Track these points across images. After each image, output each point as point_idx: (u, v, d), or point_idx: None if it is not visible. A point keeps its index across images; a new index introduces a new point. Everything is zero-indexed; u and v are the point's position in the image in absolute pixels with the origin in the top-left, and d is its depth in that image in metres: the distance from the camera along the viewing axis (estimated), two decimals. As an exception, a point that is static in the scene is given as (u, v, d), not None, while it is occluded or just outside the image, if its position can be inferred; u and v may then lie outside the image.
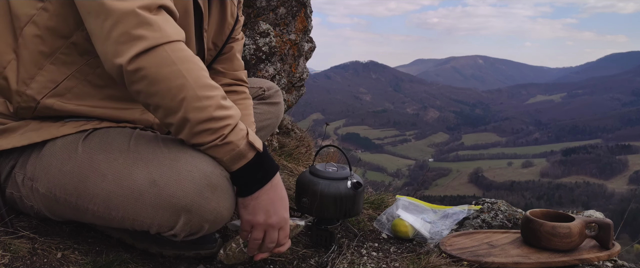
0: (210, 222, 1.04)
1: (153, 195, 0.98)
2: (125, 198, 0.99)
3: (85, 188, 1.01)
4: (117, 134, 1.08)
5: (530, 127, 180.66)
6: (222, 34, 1.34)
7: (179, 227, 1.02)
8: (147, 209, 0.99)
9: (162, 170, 0.99)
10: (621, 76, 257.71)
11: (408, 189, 4.44)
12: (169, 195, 0.98)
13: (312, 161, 1.76)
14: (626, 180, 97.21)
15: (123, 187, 0.99)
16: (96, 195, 1.01)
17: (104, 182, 1.00)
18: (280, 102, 1.71)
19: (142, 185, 0.99)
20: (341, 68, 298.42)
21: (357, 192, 1.37)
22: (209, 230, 1.07)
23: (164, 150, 1.02)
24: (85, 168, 1.02)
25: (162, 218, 1.00)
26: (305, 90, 2.84)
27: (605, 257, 1.36)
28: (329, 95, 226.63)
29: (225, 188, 1.03)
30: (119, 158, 1.02)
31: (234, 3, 1.37)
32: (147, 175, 0.99)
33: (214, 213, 1.02)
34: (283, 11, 2.51)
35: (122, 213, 1.01)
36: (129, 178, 0.99)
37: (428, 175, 63.44)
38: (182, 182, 0.98)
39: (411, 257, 1.38)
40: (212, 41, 1.33)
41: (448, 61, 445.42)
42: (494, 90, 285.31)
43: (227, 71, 1.42)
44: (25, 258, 1.06)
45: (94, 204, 1.02)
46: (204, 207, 1.00)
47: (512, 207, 1.80)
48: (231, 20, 1.36)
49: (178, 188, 0.98)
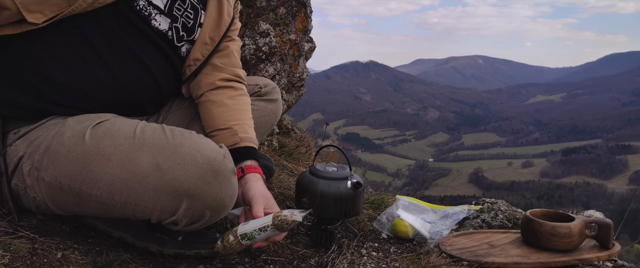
0: (212, 208, 1.05)
1: (156, 178, 1.00)
2: (129, 182, 1.01)
3: (90, 173, 1.03)
4: (123, 123, 1.10)
5: (530, 127, 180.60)
6: (219, 30, 1.38)
7: (181, 212, 1.03)
8: (149, 193, 1.01)
9: (166, 154, 1.01)
10: (621, 76, 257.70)
11: (408, 189, 4.44)
12: (172, 178, 0.99)
13: (312, 161, 1.76)
14: (626, 180, 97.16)
15: (127, 171, 1.01)
16: (100, 180, 1.02)
17: (109, 166, 1.02)
18: (277, 99, 1.71)
19: (146, 168, 1.00)
20: (341, 68, 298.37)
21: (357, 192, 1.37)
22: (210, 219, 1.08)
23: (169, 136, 1.04)
24: (91, 154, 1.03)
25: (164, 202, 1.01)
26: (305, 90, 2.84)
27: (605, 257, 1.36)
28: (329, 95, 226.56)
29: (228, 175, 1.05)
30: (125, 144, 1.03)
31: (230, 4, 1.42)
32: (151, 159, 1.00)
33: (216, 199, 1.03)
34: (283, 11, 2.51)
35: (125, 198, 1.02)
36: (133, 162, 1.01)
37: (428, 175, 63.46)
38: (185, 165, 1.00)
39: (411, 257, 1.38)
40: (209, 36, 1.36)
41: (448, 61, 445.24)
42: (494, 90, 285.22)
43: (225, 66, 1.44)
44: (25, 258, 1.06)
45: (98, 189, 1.03)
46: (206, 192, 1.01)
47: (512, 207, 1.80)
48: (227, 18, 1.39)
49: (181, 172, 0.99)
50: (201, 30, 1.34)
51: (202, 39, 1.34)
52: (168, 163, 1.00)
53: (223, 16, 1.37)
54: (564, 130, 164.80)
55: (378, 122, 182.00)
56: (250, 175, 1.30)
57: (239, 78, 1.48)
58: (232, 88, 1.45)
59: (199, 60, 1.37)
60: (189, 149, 1.01)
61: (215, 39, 1.38)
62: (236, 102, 1.42)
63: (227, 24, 1.40)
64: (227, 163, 1.05)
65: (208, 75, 1.41)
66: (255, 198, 1.21)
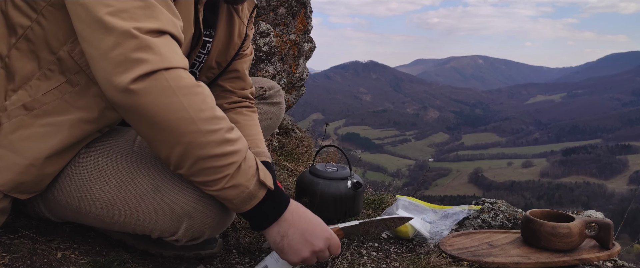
0: (212, 227, 1.03)
1: (156, 200, 0.98)
2: (127, 202, 0.99)
3: (88, 192, 1.01)
4: (120, 136, 1.07)
5: (530, 127, 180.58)
6: (227, 54, 1.32)
7: (181, 232, 1.01)
8: (149, 214, 0.99)
9: (165, 175, 0.99)
10: (621, 76, 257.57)
11: (408, 189, 4.44)
12: (171, 200, 0.98)
13: (312, 161, 1.76)
14: (626, 180, 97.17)
15: (126, 191, 0.99)
16: (98, 199, 1.01)
17: (107, 185, 1.00)
18: (281, 102, 1.71)
19: (145, 190, 0.98)
20: (341, 68, 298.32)
21: (357, 192, 1.37)
22: (210, 235, 1.07)
23: None
24: (88, 172, 1.01)
25: (164, 223, 1.00)
26: (305, 90, 2.84)
27: (605, 257, 1.36)
28: (329, 95, 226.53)
29: None
30: (123, 162, 1.01)
31: (244, 22, 1.34)
32: (150, 180, 0.98)
33: (216, 219, 1.02)
34: (283, 11, 2.51)
35: (124, 218, 1.01)
36: (132, 183, 0.99)
37: (428, 175, 63.41)
38: (184, 187, 0.98)
39: (411, 257, 1.38)
40: (215, 60, 1.31)
41: (448, 61, 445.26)
42: (494, 90, 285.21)
43: (234, 89, 1.40)
44: (25, 258, 1.06)
45: (96, 208, 1.02)
46: (207, 213, 1.00)
47: (512, 207, 1.79)
48: (237, 41, 1.32)
49: (181, 194, 0.98)
50: (208, 57, 1.28)
51: (207, 64, 1.29)
52: (167, 185, 0.98)
53: (233, 39, 1.31)
54: (564, 130, 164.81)
55: (378, 122, 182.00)
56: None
57: (247, 100, 1.44)
58: (240, 108, 1.41)
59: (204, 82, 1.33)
60: None
61: (222, 63, 1.32)
62: (245, 118, 1.39)
63: (237, 47, 1.33)
64: None
65: (217, 97, 1.36)
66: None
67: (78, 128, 1.00)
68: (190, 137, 0.86)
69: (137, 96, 0.83)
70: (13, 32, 0.99)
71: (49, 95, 0.98)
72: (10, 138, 0.96)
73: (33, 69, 0.98)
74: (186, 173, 0.92)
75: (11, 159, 0.96)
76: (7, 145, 0.96)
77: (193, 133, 0.86)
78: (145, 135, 0.90)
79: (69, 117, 0.99)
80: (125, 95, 0.83)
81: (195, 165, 0.89)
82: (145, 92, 0.83)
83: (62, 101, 0.98)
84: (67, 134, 0.99)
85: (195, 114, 0.86)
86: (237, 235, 1.48)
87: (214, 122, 0.89)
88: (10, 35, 0.99)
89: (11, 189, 0.98)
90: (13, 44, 0.99)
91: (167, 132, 0.86)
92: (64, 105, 0.98)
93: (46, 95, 0.98)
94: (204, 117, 0.87)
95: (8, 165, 0.96)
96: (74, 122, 0.99)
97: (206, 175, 0.91)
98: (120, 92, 0.83)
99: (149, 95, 0.83)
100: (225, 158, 0.90)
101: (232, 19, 1.30)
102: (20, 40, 0.98)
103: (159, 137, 0.88)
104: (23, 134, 0.97)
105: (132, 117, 0.87)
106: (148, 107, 0.84)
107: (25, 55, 0.98)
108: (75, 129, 0.99)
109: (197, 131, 0.86)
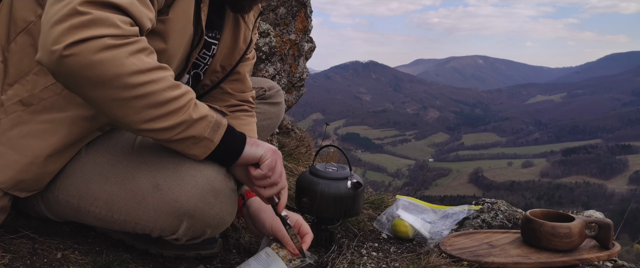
0: (213, 227, 1.04)
1: (156, 199, 0.98)
2: (128, 201, 0.99)
3: (88, 190, 1.01)
4: (121, 135, 1.07)
5: (530, 127, 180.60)
6: (232, 59, 1.32)
7: (181, 231, 1.01)
8: (149, 213, 0.99)
9: (165, 173, 0.99)
10: (621, 76, 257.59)
11: (408, 189, 4.44)
12: (172, 199, 0.98)
13: (312, 161, 1.76)
14: (626, 180, 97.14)
15: (126, 190, 0.99)
16: (99, 198, 1.01)
17: (107, 184, 1.00)
18: (281, 102, 1.71)
19: (145, 188, 0.98)
20: (341, 68, 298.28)
21: (357, 192, 1.37)
22: (210, 235, 1.07)
23: (168, 153, 1.01)
24: (89, 170, 1.02)
25: (164, 222, 1.00)
26: (305, 90, 2.84)
27: (605, 257, 1.36)
28: (329, 95, 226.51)
29: (229, 194, 1.03)
30: (123, 161, 1.01)
31: (249, 28, 1.34)
32: (150, 178, 0.99)
33: (216, 218, 1.02)
34: (283, 11, 2.51)
35: (125, 217, 1.01)
36: (132, 182, 0.99)
37: (428, 175, 63.44)
38: (185, 186, 0.98)
39: (411, 257, 1.38)
40: (220, 64, 1.31)
41: (448, 61, 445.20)
42: (494, 90, 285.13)
43: (235, 92, 1.40)
44: (25, 258, 1.06)
45: (96, 207, 1.02)
46: (207, 212, 1.00)
47: (512, 207, 1.80)
48: (242, 46, 1.33)
49: (181, 192, 0.98)
50: (213, 59, 1.29)
51: (212, 68, 1.29)
52: (168, 183, 0.98)
53: (238, 44, 1.31)
54: (564, 130, 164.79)
55: (378, 122, 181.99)
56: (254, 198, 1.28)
57: (247, 104, 1.44)
58: (237, 112, 1.41)
59: (208, 85, 1.33)
60: (189, 168, 0.99)
61: (226, 67, 1.33)
62: (240, 122, 1.39)
63: (242, 52, 1.33)
64: (228, 182, 1.03)
65: (216, 99, 1.37)
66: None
67: (78, 125, 1.00)
68: (128, 88, 0.82)
69: (72, 56, 0.78)
70: (14, 24, 1.00)
71: (47, 91, 0.98)
72: (9, 135, 0.97)
73: (30, 63, 0.98)
74: (135, 126, 0.87)
75: (11, 157, 0.96)
76: (6, 142, 0.97)
77: (130, 84, 0.81)
78: (84, 96, 0.85)
79: (68, 114, 0.99)
80: (59, 57, 0.78)
81: (142, 114, 0.85)
82: (81, 52, 0.77)
83: (60, 97, 0.99)
84: (67, 132, 0.99)
85: (133, 66, 0.81)
86: (237, 235, 1.48)
87: (154, 72, 0.84)
88: (10, 27, 1.00)
89: (11, 187, 0.98)
90: (13, 37, 0.99)
91: (105, 87, 0.81)
92: (62, 101, 0.99)
93: (44, 91, 0.98)
94: (142, 68, 0.82)
95: (8, 162, 0.96)
96: (74, 119, 0.99)
97: (156, 122, 0.87)
98: (56, 56, 0.78)
99: (83, 54, 0.78)
100: (174, 102, 0.87)
101: (239, 24, 1.30)
102: (21, 33, 0.99)
103: (98, 94, 0.82)
104: (22, 130, 0.97)
105: (68, 80, 0.82)
106: (82, 64, 0.78)
107: (23, 49, 0.99)
108: (76, 127, 1.00)
109: (134, 83, 0.82)
